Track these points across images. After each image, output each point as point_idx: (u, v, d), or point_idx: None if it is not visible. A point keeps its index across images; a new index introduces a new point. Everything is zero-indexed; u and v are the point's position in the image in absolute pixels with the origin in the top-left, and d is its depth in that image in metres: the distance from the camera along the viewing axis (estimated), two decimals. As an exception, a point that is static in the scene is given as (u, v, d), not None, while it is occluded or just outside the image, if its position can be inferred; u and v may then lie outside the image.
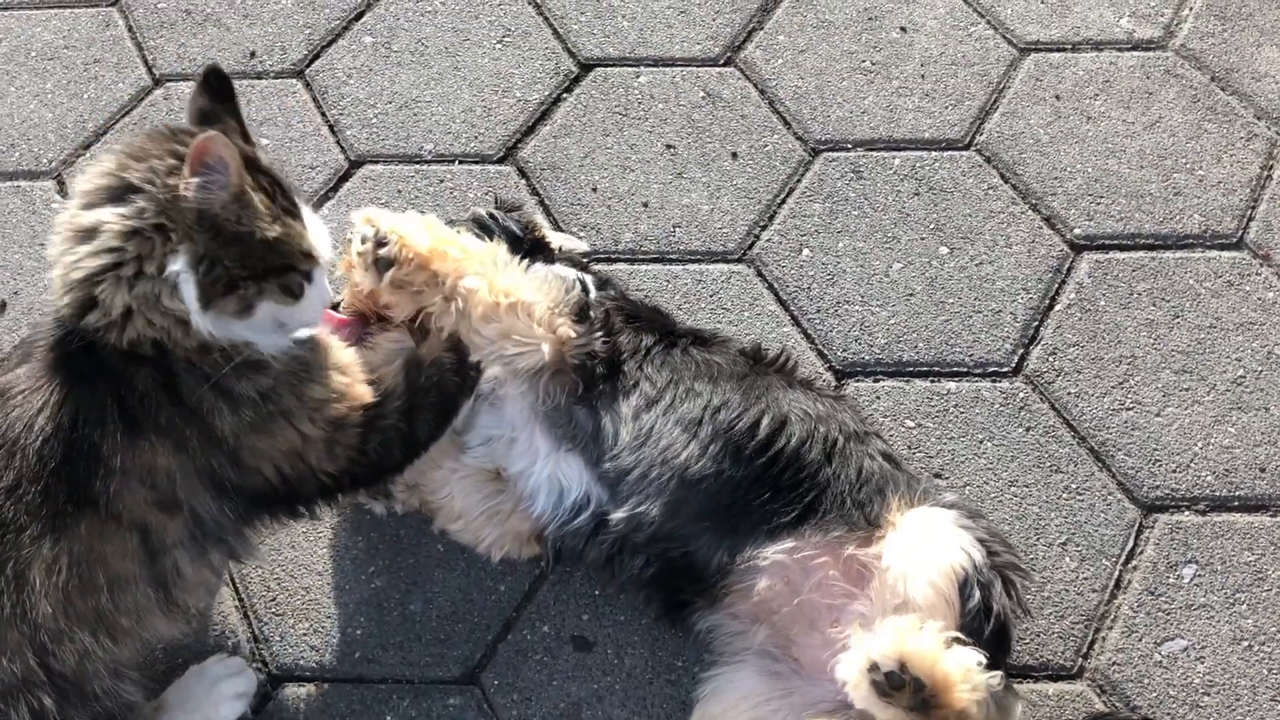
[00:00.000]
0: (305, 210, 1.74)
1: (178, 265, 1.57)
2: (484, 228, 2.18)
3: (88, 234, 1.57)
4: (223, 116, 1.73)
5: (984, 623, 1.75)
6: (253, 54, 2.94)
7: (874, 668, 1.62)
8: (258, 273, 1.64)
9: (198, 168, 1.54)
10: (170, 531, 1.70)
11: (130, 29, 3.00)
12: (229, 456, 1.72)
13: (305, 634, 2.10)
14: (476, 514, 2.10)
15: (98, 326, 1.59)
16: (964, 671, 1.62)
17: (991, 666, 1.67)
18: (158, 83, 2.89)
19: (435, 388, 1.95)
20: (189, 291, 1.59)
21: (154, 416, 1.64)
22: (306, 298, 1.71)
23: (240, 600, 2.14)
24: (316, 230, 1.74)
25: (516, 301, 1.94)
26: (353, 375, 1.86)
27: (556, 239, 2.29)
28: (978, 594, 1.74)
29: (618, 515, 1.90)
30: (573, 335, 1.94)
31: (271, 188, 1.67)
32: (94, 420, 1.61)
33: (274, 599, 2.13)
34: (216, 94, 1.74)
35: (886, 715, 1.64)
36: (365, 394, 1.86)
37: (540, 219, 2.33)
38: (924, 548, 1.78)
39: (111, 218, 1.56)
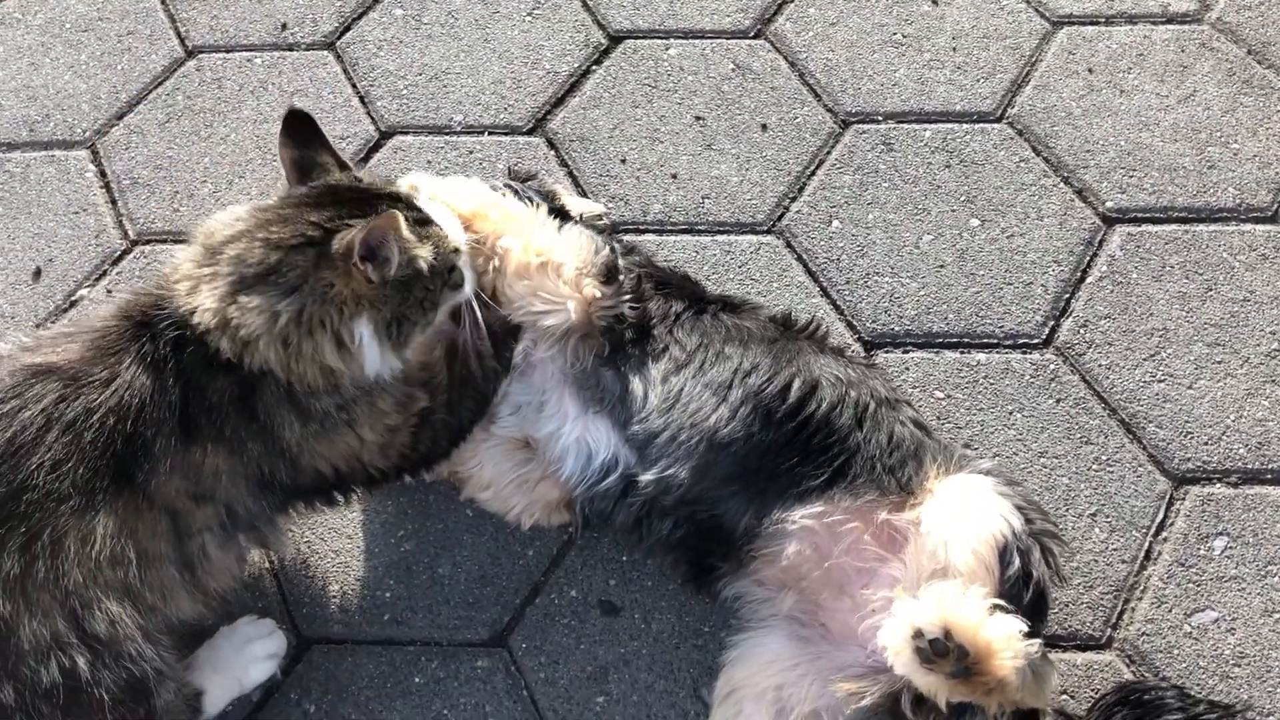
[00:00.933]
0: (422, 203, 1.84)
1: (363, 332, 1.71)
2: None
3: (258, 310, 1.65)
4: (317, 159, 1.82)
5: (1023, 590, 1.74)
6: (284, 26, 2.95)
7: (918, 635, 1.61)
8: (434, 297, 1.79)
9: (366, 253, 1.65)
10: (199, 518, 1.73)
11: (163, 1, 3.02)
12: (289, 462, 1.76)
13: (335, 596, 2.12)
14: (505, 482, 2.11)
15: (216, 344, 1.67)
16: (1007, 640, 1.61)
17: (1028, 634, 1.66)
18: (190, 54, 2.91)
19: (473, 376, 1.99)
20: (372, 352, 1.73)
21: (218, 427, 1.69)
22: (467, 279, 1.86)
23: (271, 562, 2.15)
24: (441, 217, 1.85)
25: (548, 261, 1.96)
26: (413, 383, 1.91)
27: (576, 205, 2.29)
28: (1017, 561, 1.73)
29: (646, 477, 1.90)
30: (598, 295, 1.95)
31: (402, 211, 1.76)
32: (154, 422, 1.65)
33: (304, 561, 2.15)
34: (302, 136, 1.82)
35: (926, 682, 1.64)
36: (422, 399, 1.91)
37: (559, 187, 2.33)
38: (964, 514, 1.77)
39: (284, 309, 1.66)
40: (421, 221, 1.79)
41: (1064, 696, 2.00)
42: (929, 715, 1.75)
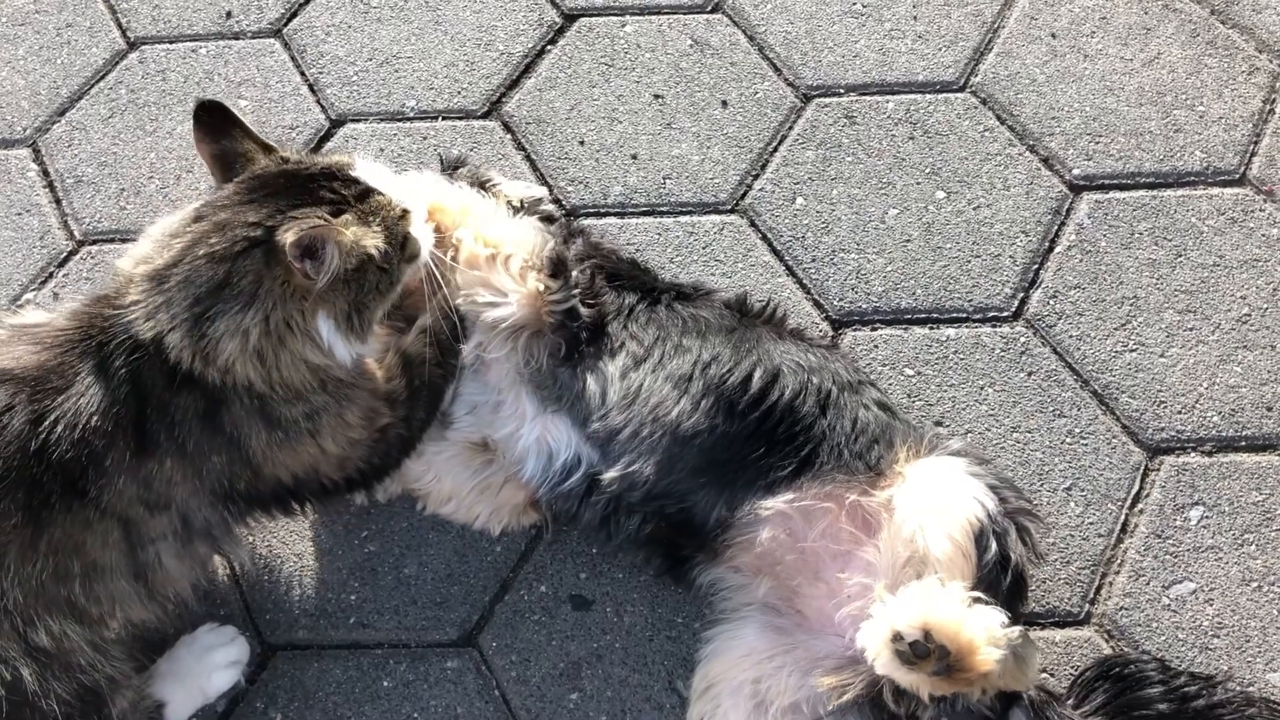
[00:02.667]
0: (360, 169, 1.77)
1: (324, 329, 1.67)
2: None
3: (230, 335, 1.61)
4: (238, 148, 1.75)
5: (1001, 575, 1.71)
6: (229, 14, 2.86)
7: (898, 638, 1.58)
8: (391, 275, 1.73)
9: (303, 257, 1.60)
10: (154, 527, 1.68)
11: (102, -9, 2.93)
12: (252, 471, 1.72)
13: (298, 601, 2.07)
14: (468, 490, 2.05)
15: (190, 367, 1.62)
16: (988, 635, 1.58)
17: (1009, 618, 1.63)
18: (132, 46, 2.82)
19: (425, 385, 1.95)
20: (338, 346, 1.69)
21: (180, 442, 1.64)
22: (423, 245, 1.80)
23: (232, 568, 2.09)
24: (382, 181, 1.78)
25: (497, 253, 1.92)
26: (378, 396, 1.87)
27: (512, 190, 2.23)
28: (994, 545, 1.70)
29: (610, 475, 1.86)
30: (542, 289, 1.90)
31: (338, 191, 1.70)
32: (106, 435, 1.59)
33: (266, 566, 2.10)
34: (219, 127, 1.75)
35: (909, 680, 1.61)
36: (386, 415, 1.88)
37: (494, 173, 2.27)
38: (938, 500, 1.74)
39: (251, 324, 1.61)
40: (362, 195, 1.72)
41: (1044, 674, 1.97)
42: (912, 704, 1.73)
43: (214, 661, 1.94)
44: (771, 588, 1.84)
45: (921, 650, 1.56)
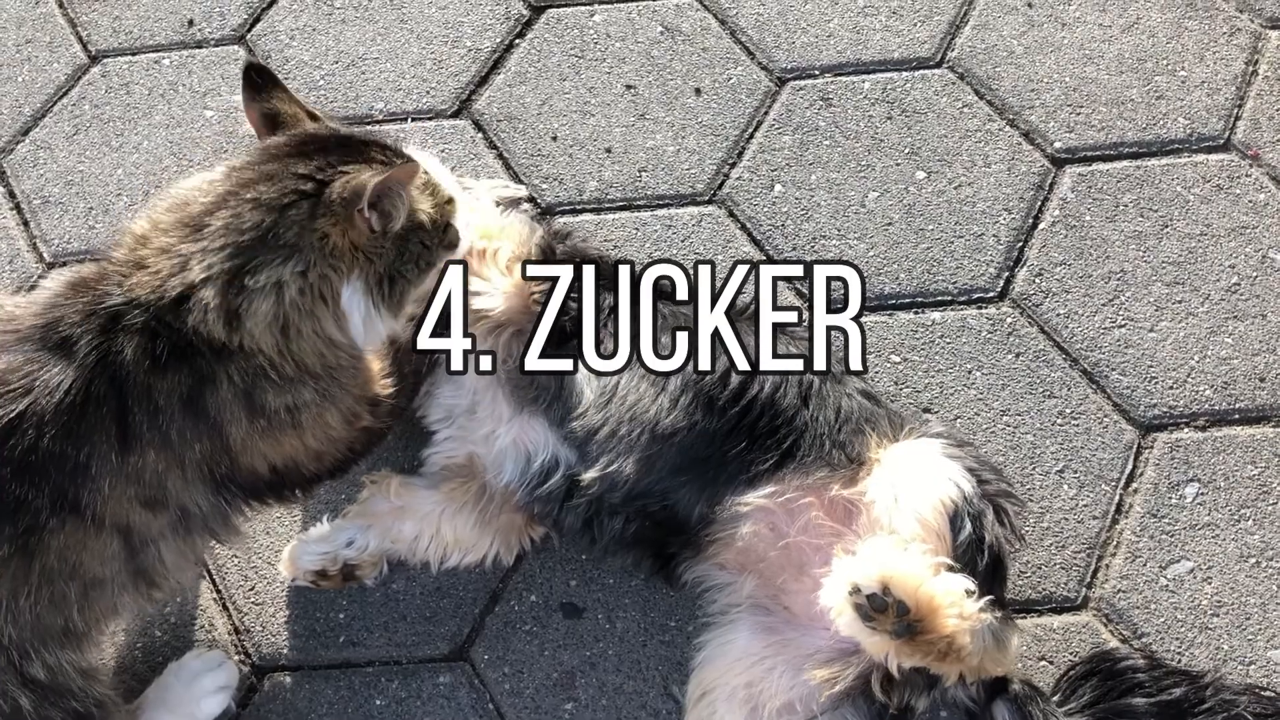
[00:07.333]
0: (410, 151, 1.75)
1: (347, 291, 1.60)
2: None
3: (267, 291, 1.55)
4: (286, 110, 1.71)
5: (978, 555, 1.69)
6: (190, 22, 2.81)
7: (855, 590, 1.57)
8: (430, 255, 1.69)
9: (374, 201, 1.55)
10: (154, 527, 1.63)
11: (61, 4, 2.86)
12: (231, 458, 1.66)
13: (287, 622, 2.04)
14: (470, 529, 1.98)
15: (200, 328, 1.54)
16: (951, 596, 1.56)
17: (991, 600, 1.62)
18: (94, 60, 2.77)
19: (411, 374, 1.93)
20: (356, 316, 1.62)
21: (164, 431, 1.56)
22: (462, 237, 1.78)
23: (219, 592, 2.07)
24: (433, 168, 1.76)
25: (486, 247, 1.90)
26: (363, 404, 1.82)
27: (488, 190, 2.18)
28: (969, 526, 1.68)
29: (590, 475, 1.83)
30: (526, 283, 1.89)
31: (390, 159, 1.66)
32: (88, 438, 1.52)
33: (252, 588, 2.07)
34: (266, 90, 1.72)
35: (872, 643, 1.60)
36: (367, 419, 1.84)
37: (466, 178, 2.22)
38: (910, 482, 1.72)
39: (289, 276, 1.55)
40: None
41: (1042, 662, 1.95)
42: (901, 692, 1.71)
43: (203, 688, 1.91)
44: (757, 586, 1.83)
45: (879, 604, 1.54)
